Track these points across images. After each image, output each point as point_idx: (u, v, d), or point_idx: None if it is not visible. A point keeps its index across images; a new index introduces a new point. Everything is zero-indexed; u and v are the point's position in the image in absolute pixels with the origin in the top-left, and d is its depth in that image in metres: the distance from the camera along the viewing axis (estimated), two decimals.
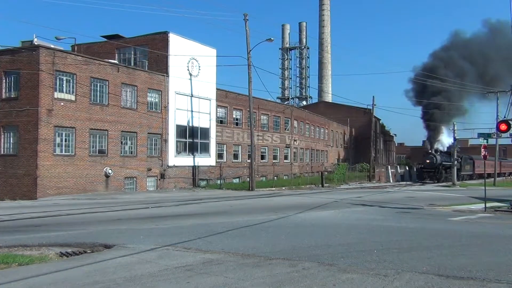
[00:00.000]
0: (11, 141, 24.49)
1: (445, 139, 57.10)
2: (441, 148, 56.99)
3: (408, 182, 53.55)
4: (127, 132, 28.47)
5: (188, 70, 32.93)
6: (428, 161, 51.92)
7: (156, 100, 30.78)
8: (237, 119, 39.62)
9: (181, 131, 32.67)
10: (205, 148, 35.07)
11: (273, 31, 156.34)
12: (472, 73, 53.86)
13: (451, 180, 48.11)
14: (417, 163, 62.04)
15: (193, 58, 33.25)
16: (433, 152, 52.69)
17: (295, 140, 49.56)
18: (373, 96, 55.22)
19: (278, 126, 46.23)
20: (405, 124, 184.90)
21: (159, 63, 31.68)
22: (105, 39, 34.49)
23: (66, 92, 24.89)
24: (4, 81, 24.73)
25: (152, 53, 31.73)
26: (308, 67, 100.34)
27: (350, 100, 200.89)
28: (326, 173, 44.12)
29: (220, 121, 37.18)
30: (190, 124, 33.37)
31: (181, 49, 32.02)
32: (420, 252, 8.94)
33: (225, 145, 37.65)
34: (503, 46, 49.55)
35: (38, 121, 23.18)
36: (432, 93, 51.33)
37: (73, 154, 25.01)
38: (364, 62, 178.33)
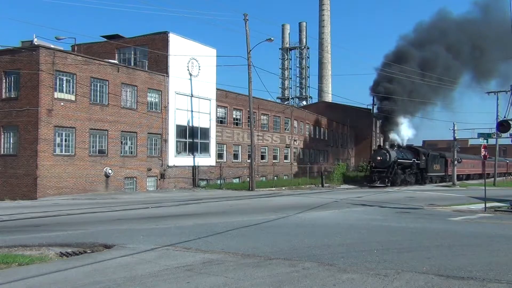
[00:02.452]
0: (11, 141, 24.49)
1: (405, 132, 46.04)
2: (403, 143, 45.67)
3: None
4: (127, 132, 28.46)
5: (188, 70, 32.92)
6: (379, 158, 39.28)
7: (156, 100, 30.77)
8: (237, 119, 39.60)
9: (181, 131, 32.66)
10: (205, 148, 35.06)
11: (273, 31, 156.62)
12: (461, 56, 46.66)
13: (412, 183, 42.26)
14: (368, 160, 46.63)
15: (193, 58, 33.24)
16: (387, 147, 41.12)
17: (295, 140, 49.55)
18: (373, 96, 55.20)
19: (278, 126, 46.19)
20: None
21: (159, 63, 31.67)
22: (105, 39, 34.47)
23: (66, 92, 24.89)
24: (4, 81, 24.73)
25: (152, 53, 31.72)
26: (308, 67, 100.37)
27: (350, 100, 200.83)
28: (325, 173, 44.05)
29: (220, 121, 37.16)
30: (190, 124, 33.36)
31: (181, 49, 32.02)
32: (420, 252, 8.94)
33: (225, 145, 37.63)
34: (498, 25, 40.42)
35: (38, 121, 23.18)
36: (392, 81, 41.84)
37: (73, 154, 25.01)
38: (364, 61, 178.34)
